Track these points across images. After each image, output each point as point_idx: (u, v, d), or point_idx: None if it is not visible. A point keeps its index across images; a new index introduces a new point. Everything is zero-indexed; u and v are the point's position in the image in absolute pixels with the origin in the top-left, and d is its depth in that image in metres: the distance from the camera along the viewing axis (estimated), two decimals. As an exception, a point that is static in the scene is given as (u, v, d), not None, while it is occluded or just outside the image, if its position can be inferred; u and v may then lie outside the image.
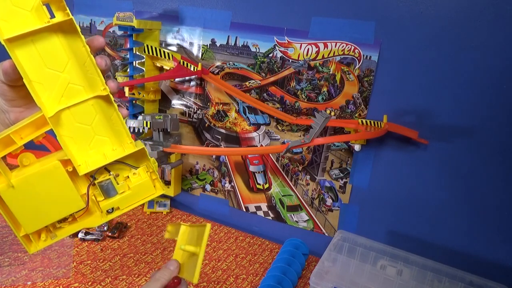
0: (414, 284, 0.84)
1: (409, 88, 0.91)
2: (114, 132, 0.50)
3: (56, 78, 0.45)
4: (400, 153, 0.96)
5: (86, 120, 0.48)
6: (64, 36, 0.45)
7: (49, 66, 0.44)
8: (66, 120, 0.47)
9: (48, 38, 0.44)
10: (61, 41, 0.44)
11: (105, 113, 0.48)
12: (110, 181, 0.51)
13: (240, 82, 1.11)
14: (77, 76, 0.46)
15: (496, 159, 0.86)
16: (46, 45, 0.44)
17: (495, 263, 0.91)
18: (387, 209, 1.00)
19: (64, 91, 0.46)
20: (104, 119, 0.49)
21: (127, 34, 1.09)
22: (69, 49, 0.45)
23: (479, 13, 0.82)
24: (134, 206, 0.54)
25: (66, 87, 0.46)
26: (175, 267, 0.60)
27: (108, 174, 0.51)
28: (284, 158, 1.11)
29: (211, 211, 1.25)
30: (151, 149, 1.01)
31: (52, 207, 0.49)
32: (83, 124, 0.48)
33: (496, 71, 0.83)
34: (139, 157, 0.52)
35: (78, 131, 0.48)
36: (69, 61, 0.45)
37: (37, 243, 0.51)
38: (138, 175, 0.53)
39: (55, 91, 0.45)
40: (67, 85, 0.46)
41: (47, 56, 0.44)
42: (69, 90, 0.46)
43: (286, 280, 0.88)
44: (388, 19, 0.90)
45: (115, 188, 0.52)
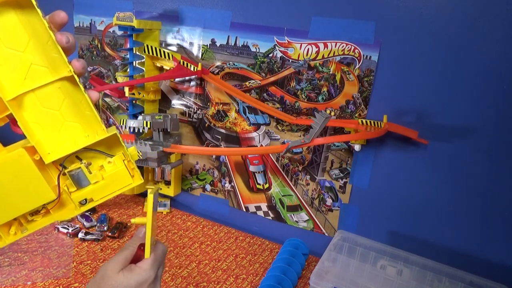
0: (414, 284, 0.84)
1: (409, 88, 0.91)
2: (85, 117, 0.46)
3: (17, 59, 0.42)
4: (400, 153, 0.96)
5: (53, 105, 0.45)
6: (22, 12, 0.40)
7: (8, 45, 0.41)
8: (31, 104, 0.44)
9: (4, 14, 0.40)
10: (19, 17, 0.40)
11: (73, 97, 0.44)
12: (81, 170, 0.48)
13: (240, 82, 1.11)
14: (39, 56, 0.42)
15: (496, 159, 0.86)
16: (2, 22, 0.40)
17: (495, 263, 0.91)
18: (387, 209, 1.00)
19: (26, 72, 0.42)
20: (72, 104, 0.45)
21: (127, 34, 1.09)
22: (29, 26, 0.41)
23: (479, 13, 0.82)
24: (109, 197, 0.50)
25: (29, 68, 0.42)
26: (143, 233, 0.55)
27: (80, 162, 0.48)
28: (284, 158, 1.11)
29: (211, 211, 1.25)
30: (151, 149, 1.01)
31: (19, 199, 0.46)
32: (50, 109, 0.45)
33: (496, 71, 0.83)
34: (113, 145, 0.49)
35: (45, 116, 0.45)
36: (30, 40, 0.41)
37: (6, 237, 0.48)
38: (113, 164, 0.49)
39: (16, 73, 0.42)
40: (29, 66, 0.42)
41: (5, 34, 0.40)
42: (32, 72, 0.42)
43: (286, 280, 0.88)
44: (388, 19, 0.90)
45: (87, 177, 0.49)
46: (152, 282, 0.52)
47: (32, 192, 0.46)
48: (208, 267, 0.98)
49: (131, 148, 0.50)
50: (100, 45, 1.30)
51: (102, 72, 1.33)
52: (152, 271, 0.52)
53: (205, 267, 0.97)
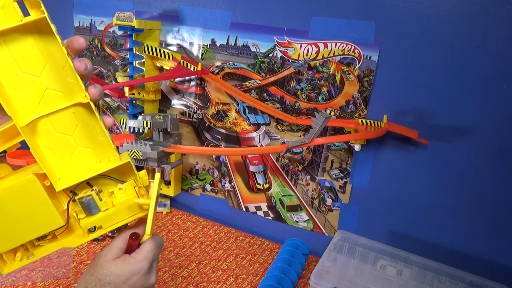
0: (414, 284, 0.84)
1: (409, 88, 0.91)
2: (98, 143, 0.46)
3: (32, 83, 0.41)
4: (400, 153, 0.96)
5: (66, 130, 0.44)
6: (40, 37, 0.41)
7: (24, 70, 0.40)
8: (44, 129, 0.43)
9: (22, 38, 0.40)
10: (37, 42, 0.41)
11: (87, 122, 0.44)
12: (92, 198, 0.47)
13: (240, 82, 1.11)
14: (55, 81, 0.42)
15: (496, 159, 0.86)
16: (20, 46, 0.40)
17: (495, 263, 0.91)
18: (387, 209, 1.00)
19: (41, 97, 0.42)
20: (86, 129, 0.45)
21: (127, 34, 1.09)
22: (46, 51, 0.41)
23: (479, 13, 0.82)
24: (118, 225, 0.50)
25: (44, 93, 0.42)
26: (134, 222, 0.54)
27: (90, 189, 0.47)
28: (284, 158, 1.11)
29: (211, 211, 1.25)
30: (151, 149, 1.01)
31: (28, 225, 0.45)
32: (63, 134, 0.44)
33: (496, 71, 0.83)
34: (125, 171, 0.48)
35: (58, 141, 0.44)
36: (46, 64, 0.41)
37: (12, 263, 0.46)
38: (124, 191, 0.49)
39: (31, 97, 0.41)
40: (44, 91, 0.42)
41: (22, 58, 0.40)
42: (47, 97, 0.42)
43: (286, 280, 0.88)
44: (388, 19, 0.90)
45: (97, 205, 0.47)
46: (146, 273, 0.50)
47: (41, 218, 0.45)
48: (208, 267, 0.98)
49: (141, 172, 0.48)
50: (100, 45, 1.30)
51: (102, 72, 1.33)
52: (146, 262, 0.50)
53: (205, 267, 0.97)
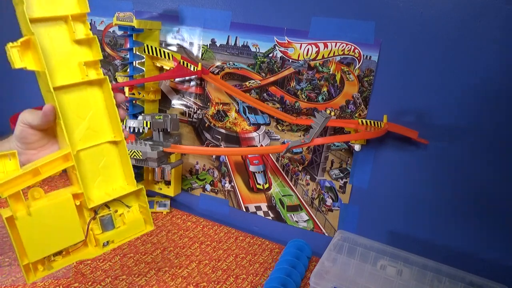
0: (414, 284, 0.84)
1: (409, 88, 0.91)
2: (121, 172, 0.57)
3: (85, 122, 0.53)
4: (400, 153, 0.96)
5: (100, 160, 0.55)
6: (98, 89, 0.53)
7: (81, 111, 0.52)
8: (85, 158, 0.54)
9: (84, 89, 0.52)
10: (94, 92, 0.53)
11: (117, 155, 0.56)
12: (111, 216, 0.57)
13: (240, 82, 1.11)
14: (102, 122, 0.54)
15: (496, 159, 0.86)
16: (81, 95, 0.52)
17: (495, 263, 0.91)
18: (387, 209, 1.00)
19: (89, 133, 0.53)
20: (114, 160, 0.56)
21: (127, 34, 1.09)
22: (100, 100, 0.53)
23: (479, 13, 0.82)
24: (126, 240, 0.59)
25: (92, 130, 0.54)
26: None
27: (108, 209, 0.57)
28: (284, 158, 1.11)
29: (211, 211, 1.25)
30: (151, 149, 1.01)
31: (56, 238, 0.52)
32: (97, 163, 0.55)
33: (496, 71, 0.83)
34: (137, 196, 0.60)
35: (92, 168, 0.55)
36: (98, 109, 0.54)
37: (35, 273, 0.53)
38: (131, 212, 0.59)
39: (82, 133, 0.53)
40: (93, 128, 0.54)
41: (81, 103, 0.52)
42: (93, 133, 0.54)
43: (290, 282, 0.87)
44: (388, 19, 0.90)
45: (113, 222, 0.57)
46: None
47: (67, 233, 0.53)
48: (208, 267, 0.98)
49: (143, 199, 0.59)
50: (100, 45, 1.30)
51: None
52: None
53: (205, 267, 0.97)
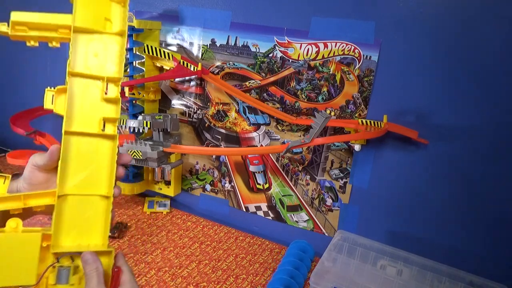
0: (414, 284, 0.84)
1: (409, 88, 0.91)
2: (102, 229, 0.54)
3: (84, 169, 0.53)
4: (400, 153, 0.96)
5: (85, 210, 0.53)
6: (108, 144, 0.54)
7: (85, 160, 0.53)
8: (72, 203, 0.52)
9: (95, 141, 0.53)
10: (103, 146, 0.53)
11: (103, 211, 0.54)
12: (69, 270, 0.52)
13: (240, 82, 1.11)
14: (101, 175, 0.53)
15: (496, 159, 0.86)
16: (91, 145, 0.53)
17: (495, 263, 0.91)
18: (387, 209, 1.00)
19: (85, 182, 0.53)
20: (99, 215, 0.53)
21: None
22: (106, 154, 0.53)
23: (479, 13, 0.82)
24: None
25: (89, 180, 0.53)
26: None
27: (71, 261, 0.52)
28: (284, 158, 1.11)
29: (211, 211, 1.25)
30: (151, 149, 1.01)
31: (9, 272, 0.49)
32: (82, 212, 0.53)
33: (496, 70, 0.83)
34: (107, 257, 0.54)
35: (75, 215, 0.52)
36: (101, 162, 0.53)
37: None
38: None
39: (78, 180, 0.52)
40: (90, 179, 0.53)
41: (88, 153, 0.53)
42: (89, 183, 0.53)
43: (294, 284, 0.87)
44: (388, 19, 0.90)
45: (69, 278, 0.52)
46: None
47: (22, 271, 0.49)
48: (208, 267, 0.98)
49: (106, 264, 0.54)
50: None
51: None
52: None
53: (205, 267, 0.97)
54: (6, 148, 1.58)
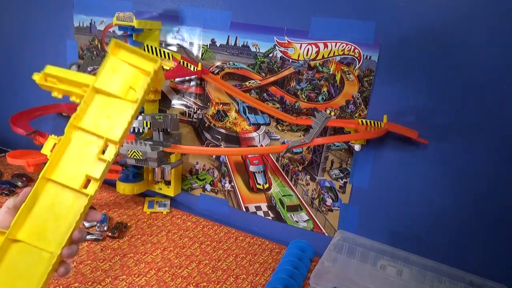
0: (414, 284, 0.84)
1: (409, 88, 0.91)
2: (33, 283, 0.49)
3: (45, 220, 0.50)
4: (400, 153, 0.96)
5: (26, 262, 0.49)
6: (81, 203, 0.51)
7: (49, 209, 0.50)
8: (16, 249, 0.49)
9: (70, 195, 0.51)
10: (76, 202, 0.51)
11: (45, 267, 0.49)
12: None
13: (240, 82, 1.11)
14: (58, 231, 0.50)
15: (496, 159, 0.86)
16: (64, 198, 0.51)
17: (495, 263, 0.91)
18: (387, 209, 1.00)
19: (39, 232, 0.50)
20: (37, 271, 0.49)
21: (127, 34, 1.09)
22: (74, 210, 0.50)
23: (479, 13, 0.82)
24: None
25: (43, 232, 0.50)
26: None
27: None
28: (284, 158, 1.11)
29: (211, 211, 1.25)
30: (151, 149, 1.01)
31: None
32: (22, 263, 0.49)
33: (496, 71, 0.83)
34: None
35: (13, 264, 0.49)
36: (63, 217, 0.50)
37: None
38: None
39: (34, 229, 0.50)
40: (45, 231, 0.50)
41: (57, 203, 0.51)
42: (43, 235, 0.50)
43: (293, 284, 0.87)
44: (388, 19, 0.90)
45: None
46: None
47: None
48: (208, 267, 0.98)
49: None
50: (100, 45, 1.30)
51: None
52: None
53: (205, 267, 0.97)
54: (6, 148, 1.58)
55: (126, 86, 0.53)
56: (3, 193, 1.20)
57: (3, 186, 1.22)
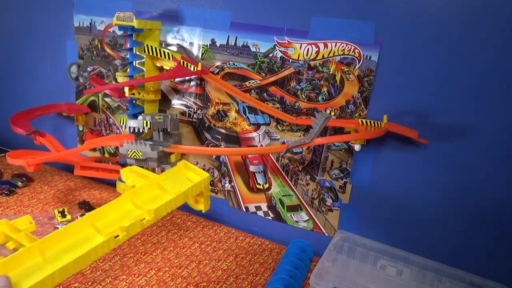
0: (414, 284, 0.84)
1: (409, 88, 0.91)
2: None
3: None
4: (400, 153, 0.96)
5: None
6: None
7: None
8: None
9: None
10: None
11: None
12: None
13: (240, 82, 1.11)
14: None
15: (496, 159, 0.86)
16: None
17: (495, 263, 0.91)
18: (387, 209, 1.00)
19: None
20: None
21: (127, 34, 1.09)
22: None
23: (479, 13, 0.82)
24: None
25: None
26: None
27: None
28: (284, 158, 1.11)
29: (211, 211, 1.25)
30: (151, 149, 1.01)
31: None
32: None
33: (496, 70, 0.83)
34: None
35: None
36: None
37: None
38: None
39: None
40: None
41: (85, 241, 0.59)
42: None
43: (293, 284, 0.87)
44: (388, 19, 0.90)
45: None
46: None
47: None
48: (208, 267, 0.98)
49: None
50: (100, 45, 1.30)
51: (102, 72, 1.33)
52: None
53: (205, 267, 0.97)
54: (6, 148, 1.58)
55: (176, 186, 0.69)
56: (3, 193, 1.20)
57: (3, 186, 1.22)
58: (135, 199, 0.68)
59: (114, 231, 0.63)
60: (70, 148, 1.18)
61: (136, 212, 0.67)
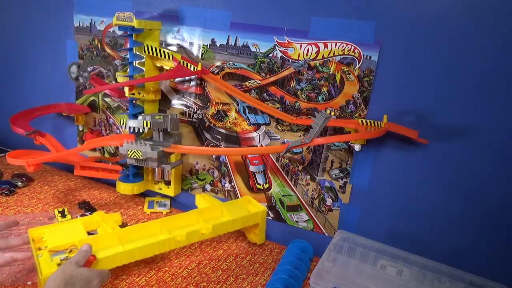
0: (414, 284, 0.84)
1: (409, 88, 0.91)
2: None
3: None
4: (400, 153, 0.96)
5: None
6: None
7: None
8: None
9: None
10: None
11: None
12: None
13: (240, 82, 1.11)
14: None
15: (496, 159, 0.86)
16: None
17: (495, 263, 0.91)
18: (387, 209, 1.00)
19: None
20: None
21: (127, 34, 1.09)
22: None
23: (479, 13, 0.82)
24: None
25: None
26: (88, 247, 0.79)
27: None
28: (284, 158, 1.11)
29: (211, 211, 1.25)
30: (151, 149, 1.01)
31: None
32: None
33: (496, 70, 0.83)
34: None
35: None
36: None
37: None
38: None
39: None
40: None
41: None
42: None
43: (293, 284, 0.87)
44: (388, 19, 0.90)
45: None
46: (94, 283, 0.71)
47: None
48: (208, 267, 0.98)
49: None
50: (100, 45, 1.30)
51: (102, 72, 1.33)
52: (98, 275, 0.73)
53: (205, 267, 0.97)
54: (6, 148, 1.58)
55: (235, 212, 1.00)
56: (3, 193, 1.20)
57: (3, 186, 1.22)
58: (200, 216, 0.90)
59: (177, 234, 0.86)
60: (70, 148, 1.18)
61: (198, 225, 0.90)
